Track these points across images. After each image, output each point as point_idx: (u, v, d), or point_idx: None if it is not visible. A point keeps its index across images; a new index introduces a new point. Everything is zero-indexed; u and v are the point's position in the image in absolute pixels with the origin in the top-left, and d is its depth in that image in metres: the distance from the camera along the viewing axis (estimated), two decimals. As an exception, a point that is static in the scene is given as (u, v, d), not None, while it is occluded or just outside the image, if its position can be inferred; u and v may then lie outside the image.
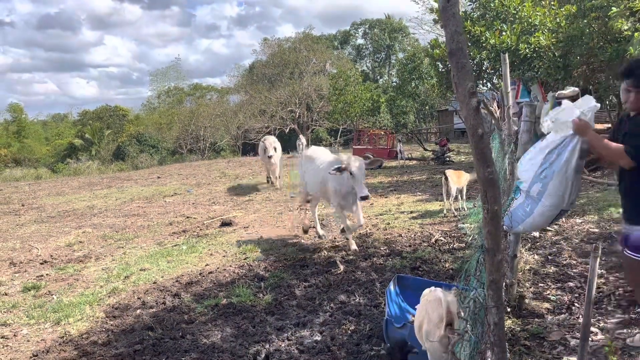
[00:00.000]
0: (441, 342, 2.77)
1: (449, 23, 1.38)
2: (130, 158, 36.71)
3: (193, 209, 11.69)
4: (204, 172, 20.81)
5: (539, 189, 3.42)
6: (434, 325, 2.85)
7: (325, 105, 37.13)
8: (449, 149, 19.39)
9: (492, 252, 1.66)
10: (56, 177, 27.46)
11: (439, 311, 2.82)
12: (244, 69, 49.01)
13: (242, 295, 5.46)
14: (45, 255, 8.08)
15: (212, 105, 43.04)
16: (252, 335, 4.46)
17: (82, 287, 6.39)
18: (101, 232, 9.69)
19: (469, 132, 1.53)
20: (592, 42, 10.52)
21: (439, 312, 2.83)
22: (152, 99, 54.35)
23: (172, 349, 4.31)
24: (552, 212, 3.48)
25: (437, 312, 2.85)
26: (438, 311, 2.84)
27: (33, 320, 5.35)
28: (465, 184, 9.29)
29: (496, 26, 12.96)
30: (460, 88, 1.44)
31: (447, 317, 2.75)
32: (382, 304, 4.83)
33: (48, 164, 38.90)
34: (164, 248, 8.06)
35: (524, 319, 4.25)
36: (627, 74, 3.28)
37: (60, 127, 53.50)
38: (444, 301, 2.81)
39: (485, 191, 1.59)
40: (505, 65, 4.98)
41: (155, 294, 5.86)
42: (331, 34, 56.87)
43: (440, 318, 2.79)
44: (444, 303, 2.80)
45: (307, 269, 6.31)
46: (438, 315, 2.82)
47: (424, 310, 3.03)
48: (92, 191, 16.96)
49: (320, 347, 4.11)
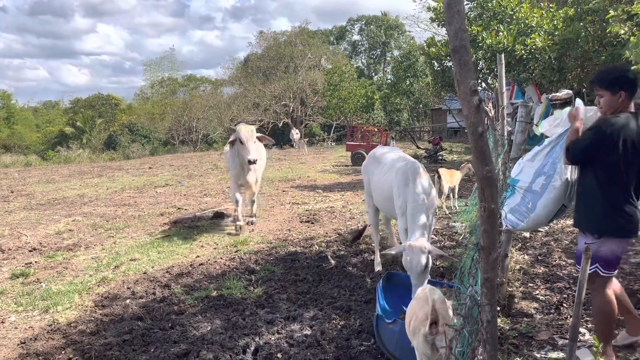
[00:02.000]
0: (425, 339, 2.81)
1: (453, 20, 1.37)
2: (121, 147, 36.50)
3: (184, 200, 11.65)
4: (195, 164, 20.74)
5: (542, 182, 3.56)
6: (419, 322, 2.89)
7: (320, 101, 37.12)
8: (442, 148, 19.46)
9: (487, 250, 1.67)
10: (46, 164, 27.25)
11: (425, 309, 2.86)
12: (239, 61, 48.85)
13: (233, 287, 5.45)
14: (35, 243, 8.02)
15: (205, 97, 42.82)
16: (241, 328, 4.46)
17: (72, 275, 6.35)
18: (91, 221, 9.63)
19: (469, 130, 1.53)
20: (588, 46, 10.57)
21: (424, 310, 2.86)
22: (145, 88, 54.01)
23: (161, 340, 4.30)
24: (554, 205, 3.58)
25: (423, 310, 2.89)
26: (424, 309, 2.88)
27: (21, 307, 5.32)
28: (458, 183, 9.35)
29: (493, 26, 12.98)
30: (462, 86, 1.44)
31: (432, 315, 2.78)
32: (372, 300, 4.85)
33: (38, 151, 38.59)
34: (155, 238, 8.03)
35: (513, 318, 4.29)
36: (596, 80, 3.41)
37: (51, 114, 53.06)
38: (430, 299, 2.84)
39: (482, 189, 1.59)
40: (501, 65, 4.99)
41: (145, 284, 5.84)
42: (327, 29, 56.80)
43: (426, 316, 2.82)
44: (430, 301, 2.83)
45: (298, 262, 6.32)
46: (424, 313, 2.86)
47: (413, 308, 3.07)
48: (82, 180, 16.85)
49: (310, 341, 4.12)
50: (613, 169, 3.21)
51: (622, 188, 3.23)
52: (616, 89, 3.28)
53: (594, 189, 3.29)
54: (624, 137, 3.15)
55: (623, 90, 3.26)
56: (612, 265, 3.29)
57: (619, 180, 3.22)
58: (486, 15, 13.79)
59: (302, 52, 41.17)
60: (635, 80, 3.31)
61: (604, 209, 3.26)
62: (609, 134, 3.16)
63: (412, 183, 4.75)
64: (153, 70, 52.96)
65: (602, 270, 3.29)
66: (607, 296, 3.33)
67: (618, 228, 3.24)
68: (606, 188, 3.25)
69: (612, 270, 3.31)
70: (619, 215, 3.23)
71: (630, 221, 3.23)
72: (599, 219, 3.28)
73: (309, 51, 41.43)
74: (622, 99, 3.27)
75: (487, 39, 12.65)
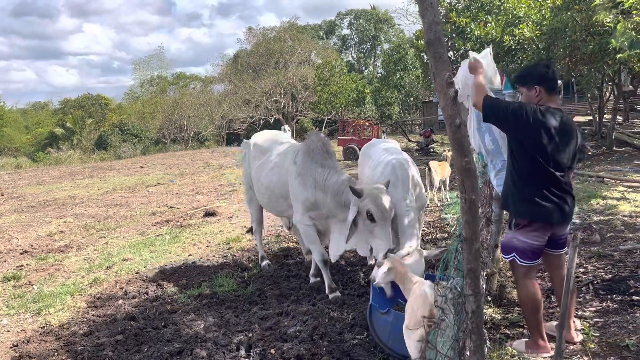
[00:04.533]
0: (415, 331, 2.84)
1: (427, 13, 1.37)
2: (112, 147, 36.28)
3: (176, 199, 11.62)
4: (187, 162, 20.68)
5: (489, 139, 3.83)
6: (411, 314, 2.93)
7: (311, 96, 37.04)
8: (433, 140, 19.51)
9: (470, 241, 1.68)
10: (36, 166, 27.05)
11: (419, 302, 2.90)
12: (228, 58, 48.64)
13: (226, 285, 5.45)
14: (26, 245, 7.98)
15: (196, 95, 42.69)
16: (235, 325, 4.46)
17: (63, 277, 6.33)
18: (83, 221, 9.58)
19: (447, 122, 1.54)
20: (575, 35, 10.61)
21: (418, 302, 2.91)
22: (134, 87, 53.69)
23: (155, 339, 4.30)
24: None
25: (417, 303, 2.93)
26: (417, 302, 2.92)
27: (13, 310, 5.29)
28: (449, 175, 9.39)
29: (481, 18, 13.01)
30: (438, 78, 1.45)
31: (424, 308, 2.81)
32: (365, 294, 4.86)
33: (28, 153, 38.27)
34: (147, 238, 8.00)
35: (505, 307, 4.31)
36: (514, 78, 3.57)
37: (40, 115, 52.60)
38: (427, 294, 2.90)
39: (462, 180, 1.60)
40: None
41: (137, 284, 5.83)
42: (316, 24, 56.61)
43: (418, 307, 2.86)
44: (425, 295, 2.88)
45: (291, 259, 6.32)
46: (418, 305, 2.90)
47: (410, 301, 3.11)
48: (73, 181, 16.75)
49: (303, 337, 4.12)
50: (530, 156, 3.22)
51: (538, 176, 3.23)
52: (531, 85, 3.37)
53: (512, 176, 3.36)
54: (544, 126, 3.16)
55: (537, 85, 3.33)
56: (527, 256, 3.33)
57: (533, 168, 3.23)
58: (474, 7, 13.82)
59: (292, 47, 41.07)
60: (550, 75, 3.35)
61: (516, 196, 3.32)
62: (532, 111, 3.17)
63: (401, 183, 4.68)
64: (142, 69, 52.68)
65: (520, 259, 3.34)
66: (528, 285, 3.36)
67: (533, 214, 3.27)
68: (521, 176, 3.29)
69: (529, 260, 3.34)
70: (531, 203, 3.25)
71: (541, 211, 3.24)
72: (515, 207, 3.35)
73: (299, 46, 41.33)
74: (538, 94, 3.34)
75: (476, 30, 12.68)
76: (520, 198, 3.30)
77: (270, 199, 5.63)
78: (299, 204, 5.11)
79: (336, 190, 4.75)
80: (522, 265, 3.35)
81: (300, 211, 5.12)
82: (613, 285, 4.41)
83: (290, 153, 5.41)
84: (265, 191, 5.65)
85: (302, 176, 5.04)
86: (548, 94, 3.34)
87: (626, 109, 16.79)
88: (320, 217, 5.07)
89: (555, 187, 3.24)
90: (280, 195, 5.44)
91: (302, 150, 5.15)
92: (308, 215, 5.09)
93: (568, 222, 3.45)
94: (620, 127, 14.21)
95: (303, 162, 5.08)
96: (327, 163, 4.97)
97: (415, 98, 37.17)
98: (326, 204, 4.90)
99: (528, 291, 3.36)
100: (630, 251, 5.21)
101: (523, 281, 3.38)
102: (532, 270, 3.40)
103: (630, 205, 7.01)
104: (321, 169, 4.93)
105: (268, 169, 5.61)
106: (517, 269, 3.41)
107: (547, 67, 3.40)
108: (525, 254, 3.33)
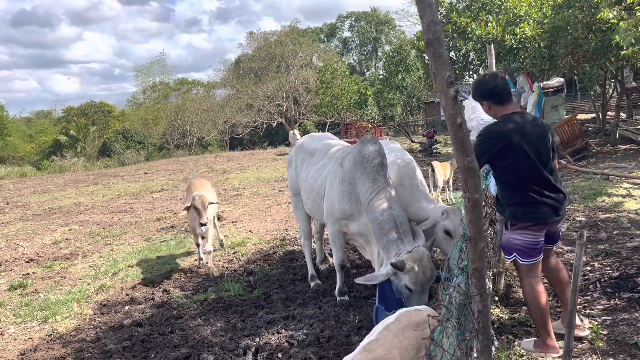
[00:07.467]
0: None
1: (426, 13, 1.38)
2: (116, 154, 36.34)
3: (181, 205, 11.63)
4: (191, 168, 20.71)
5: None
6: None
7: (313, 99, 37.03)
8: (437, 141, 19.46)
9: (474, 240, 1.67)
10: (41, 174, 27.14)
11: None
12: (230, 63, 48.77)
13: (232, 289, 5.45)
14: (31, 254, 8.00)
15: (198, 100, 42.77)
16: (242, 330, 4.46)
17: (70, 284, 6.34)
18: (88, 229, 9.61)
19: (448, 122, 1.54)
20: (577, 33, 10.58)
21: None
22: (137, 94, 53.73)
23: (162, 345, 4.30)
24: None
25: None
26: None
27: (20, 318, 5.31)
28: (452, 175, 9.37)
29: (482, 17, 12.99)
30: (438, 77, 1.45)
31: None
32: (371, 296, 4.86)
33: (32, 161, 38.35)
34: (152, 244, 8.02)
35: (512, 307, 4.29)
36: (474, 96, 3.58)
37: (44, 124, 52.79)
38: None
39: (465, 180, 1.60)
40: (491, 56, 5.01)
41: (143, 290, 5.84)
42: (317, 27, 56.74)
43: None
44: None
45: (297, 262, 6.32)
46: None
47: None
48: (78, 188, 16.80)
49: (310, 340, 4.12)
50: (507, 168, 3.29)
51: (522, 181, 3.28)
52: (480, 101, 3.47)
53: (500, 184, 3.42)
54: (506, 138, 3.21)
55: (485, 101, 3.41)
56: (527, 254, 3.34)
57: (517, 176, 3.28)
58: (475, 6, 13.80)
59: (293, 51, 41.14)
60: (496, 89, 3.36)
61: (507, 201, 3.37)
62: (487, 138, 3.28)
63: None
64: (144, 75, 52.73)
65: (521, 259, 3.36)
66: (533, 284, 3.37)
67: (522, 217, 3.30)
68: (506, 184, 3.36)
69: (529, 258, 3.34)
70: (521, 206, 3.30)
71: (531, 211, 3.28)
72: (507, 211, 3.38)
73: (300, 50, 41.41)
74: (490, 108, 3.41)
75: (477, 30, 12.66)
76: (509, 204, 3.37)
77: (315, 201, 5.06)
78: (334, 210, 4.65)
79: (379, 225, 4.10)
80: (523, 263, 3.37)
81: (332, 219, 4.68)
82: (620, 283, 4.39)
83: (340, 154, 4.87)
84: (310, 193, 5.11)
85: (345, 184, 4.46)
86: (499, 105, 3.38)
87: (629, 106, 16.72)
88: (353, 228, 4.54)
89: (540, 186, 3.28)
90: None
91: (353, 155, 4.52)
92: (340, 224, 4.64)
93: (562, 218, 3.46)
94: (624, 124, 14.13)
95: (351, 169, 4.45)
96: (379, 180, 4.26)
97: (418, 99, 37.08)
98: (362, 224, 4.37)
99: (533, 290, 3.36)
100: (637, 248, 5.18)
101: (527, 280, 3.39)
102: (535, 268, 3.40)
103: (636, 202, 6.98)
104: (370, 185, 4.26)
105: (316, 168, 5.09)
106: (520, 268, 3.43)
107: (494, 78, 3.44)
108: (524, 253, 3.35)
